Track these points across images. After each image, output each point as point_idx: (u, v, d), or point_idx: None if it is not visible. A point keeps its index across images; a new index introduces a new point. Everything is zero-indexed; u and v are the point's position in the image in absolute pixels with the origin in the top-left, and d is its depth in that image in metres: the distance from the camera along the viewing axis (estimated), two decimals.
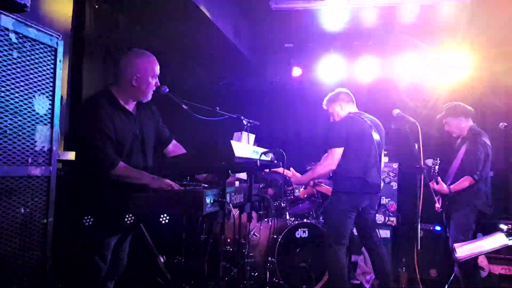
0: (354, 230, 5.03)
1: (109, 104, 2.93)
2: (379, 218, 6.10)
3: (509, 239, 4.04)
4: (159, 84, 3.13)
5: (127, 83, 3.00)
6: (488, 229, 5.20)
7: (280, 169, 4.73)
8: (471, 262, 4.45)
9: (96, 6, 4.26)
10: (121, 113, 2.98)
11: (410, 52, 6.81)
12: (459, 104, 4.92)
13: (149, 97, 3.11)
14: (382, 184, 4.66)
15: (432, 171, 4.55)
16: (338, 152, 4.22)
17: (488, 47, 6.61)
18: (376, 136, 4.35)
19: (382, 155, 4.55)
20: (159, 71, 3.12)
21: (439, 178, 4.55)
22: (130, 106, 3.08)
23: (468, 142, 4.71)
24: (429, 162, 4.60)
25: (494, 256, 5.27)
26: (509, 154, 6.54)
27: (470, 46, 6.61)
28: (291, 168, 4.89)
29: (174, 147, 3.47)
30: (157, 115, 3.34)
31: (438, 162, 4.57)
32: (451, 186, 4.58)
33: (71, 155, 3.01)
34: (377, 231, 4.57)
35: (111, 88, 3.03)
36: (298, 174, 4.80)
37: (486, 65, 6.60)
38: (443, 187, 4.56)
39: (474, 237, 4.69)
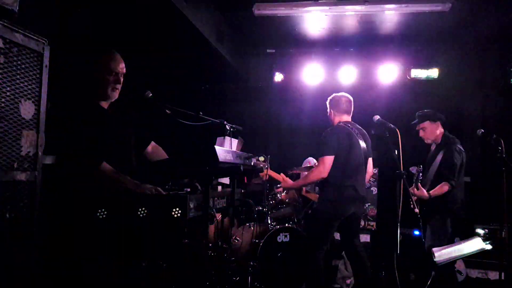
0: (337, 235, 5.08)
1: (85, 104, 2.93)
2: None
3: (486, 244, 4.13)
4: (121, 80, 3.01)
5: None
6: (466, 234, 5.30)
7: (265, 173, 4.78)
8: (449, 266, 4.53)
9: (79, 10, 4.26)
10: (97, 113, 2.97)
11: (389, 59, 6.92)
12: (432, 110, 5.01)
13: (113, 95, 3.03)
14: None
15: (415, 178, 4.60)
16: (329, 160, 4.23)
17: (462, 55, 6.76)
18: (363, 145, 4.43)
19: (371, 163, 4.63)
20: (119, 68, 2.99)
21: (419, 184, 4.61)
22: (104, 106, 3.05)
23: (444, 149, 4.79)
24: (413, 169, 4.67)
25: (471, 260, 5.37)
26: (485, 160, 6.68)
27: (444, 53, 6.77)
28: (282, 174, 4.91)
29: (153, 148, 3.46)
30: (133, 115, 3.31)
31: (421, 169, 4.63)
32: (431, 192, 4.63)
33: (50, 159, 2.98)
34: (359, 237, 4.62)
35: (84, 91, 3.01)
36: (289, 180, 4.82)
37: (461, 73, 6.77)
38: (423, 192, 4.62)
39: (451, 241, 4.77)
